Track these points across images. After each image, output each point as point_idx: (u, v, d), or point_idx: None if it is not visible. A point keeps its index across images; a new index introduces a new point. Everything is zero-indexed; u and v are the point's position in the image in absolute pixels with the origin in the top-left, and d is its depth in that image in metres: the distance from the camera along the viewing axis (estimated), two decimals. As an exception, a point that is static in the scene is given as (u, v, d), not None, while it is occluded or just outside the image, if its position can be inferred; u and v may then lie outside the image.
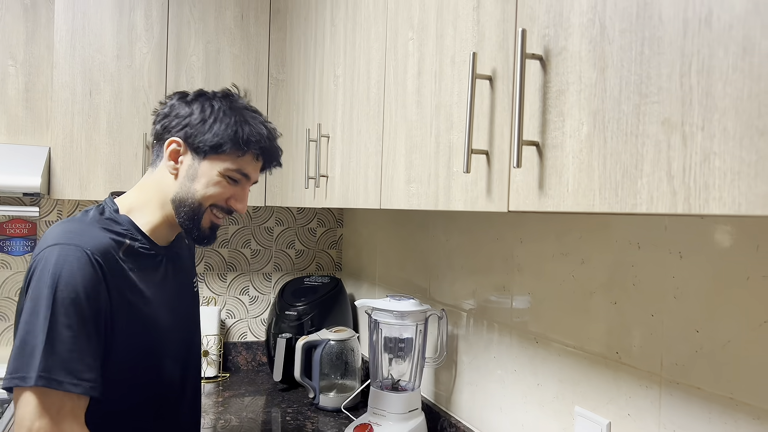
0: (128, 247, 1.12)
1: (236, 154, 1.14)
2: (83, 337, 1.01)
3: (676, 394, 0.93)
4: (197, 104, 1.15)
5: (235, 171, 1.15)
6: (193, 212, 1.15)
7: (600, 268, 1.09)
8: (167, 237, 1.21)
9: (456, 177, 0.91)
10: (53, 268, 1.01)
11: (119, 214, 1.15)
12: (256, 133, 1.15)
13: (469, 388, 1.50)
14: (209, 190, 1.14)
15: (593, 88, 0.64)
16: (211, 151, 1.13)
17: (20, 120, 2.01)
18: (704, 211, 0.51)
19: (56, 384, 0.97)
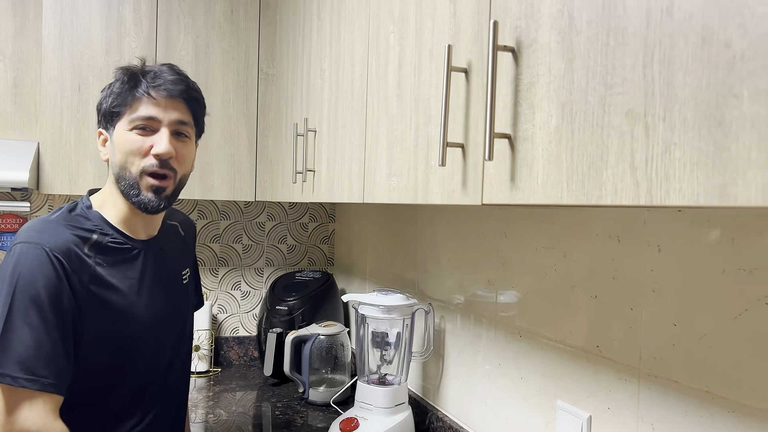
0: (95, 242, 1.11)
1: (129, 104, 1.10)
2: (43, 334, 1.00)
3: (654, 387, 0.93)
4: (102, 94, 1.16)
5: (136, 119, 1.10)
6: (129, 183, 1.11)
7: (581, 261, 1.09)
8: (146, 229, 1.20)
9: (433, 170, 0.91)
10: (13, 267, 1.02)
11: (90, 210, 1.14)
12: (142, 77, 1.11)
13: (456, 382, 1.50)
14: (127, 153, 1.10)
15: (562, 79, 0.64)
16: (112, 117, 1.12)
17: (8, 115, 2.01)
18: (665, 202, 0.51)
19: (10, 380, 0.98)
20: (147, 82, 1.11)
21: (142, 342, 1.16)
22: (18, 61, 2.02)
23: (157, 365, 1.20)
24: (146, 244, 1.19)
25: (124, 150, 1.11)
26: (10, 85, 2.01)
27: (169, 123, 1.12)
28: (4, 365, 0.98)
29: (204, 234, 2.37)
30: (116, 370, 1.13)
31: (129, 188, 1.12)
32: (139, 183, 1.11)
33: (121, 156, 1.11)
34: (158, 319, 1.20)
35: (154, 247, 1.21)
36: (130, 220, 1.16)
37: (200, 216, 2.36)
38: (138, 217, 1.17)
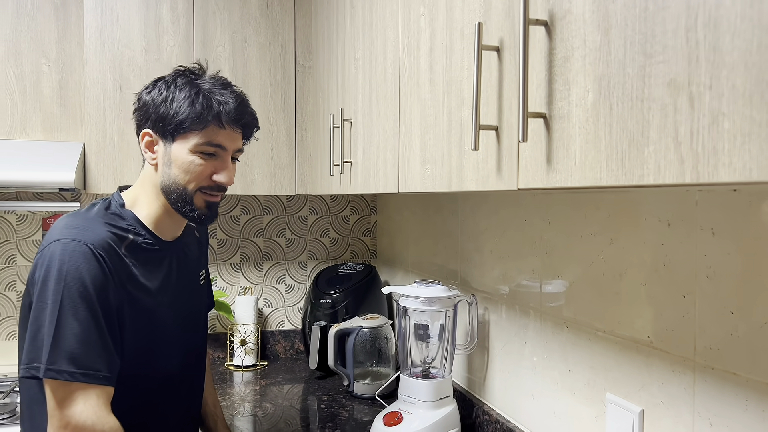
0: (131, 242, 1.12)
1: (199, 128, 1.11)
2: (93, 329, 1.02)
3: (710, 380, 0.87)
4: (155, 90, 1.14)
5: (204, 144, 1.12)
6: (182, 197, 1.13)
7: (629, 248, 1.03)
8: (172, 230, 1.21)
9: (467, 156, 0.87)
10: (58, 263, 1.02)
11: (124, 209, 1.15)
12: (213, 100, 1.11)
13: (502, 374, 1.46)
14: (188, 173, 1.12)
15: (598, 51, 0.59)
16: (175, 131, 1.11)
17: (55, 117, 2.06)
18: (713, 179, 0.46)
19: (67, 376, 0.99)
20: (223, 110, 1.11)
21: (165, 341, 1.18)
22: (62, 64, 2.06)
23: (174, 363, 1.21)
24: (172, 246, 1.21)
25: (185, 170, 1.12)
26: (56, 88, 2.06)
27: (231, 151, 1.15)
28: (58, 361, 0.99)
29: (247, 229, 2.38)
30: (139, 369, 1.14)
31: (181, 203, 1.14)
32: (193, 199, 1.14)
33: (180, 174, 1.12)
34: (180, 319, 1.22)
35: (178, 248, 1.24)
36: (162, 222, 1.18)
37: (243, 211, 2.38)
38: (169, 219, 1.18)
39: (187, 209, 1.14)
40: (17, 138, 2.03)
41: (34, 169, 1.80)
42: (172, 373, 1.21)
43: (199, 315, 1.33)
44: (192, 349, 1.28)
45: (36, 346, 1.01)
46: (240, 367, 2.21)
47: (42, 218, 2.17)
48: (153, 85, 1.15)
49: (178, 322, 1.21)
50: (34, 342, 1.01)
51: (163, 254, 1.19)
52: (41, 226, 2.17)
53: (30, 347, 1.01)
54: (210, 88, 1.13)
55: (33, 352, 1.01)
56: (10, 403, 1.81)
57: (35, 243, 2.17)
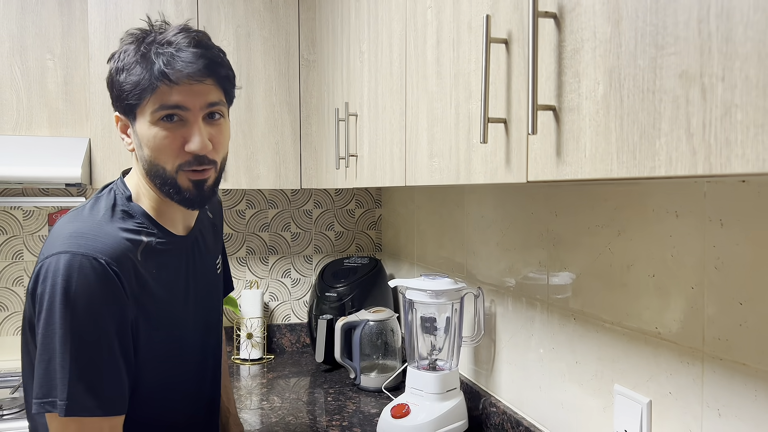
0: (145, 246, 1.00)
1: (148, 93, 0.93)
2: (108, 358, 0.93)
3: (719, 371, 0.87)
4: (111, 62, 0.98)
5: (159, 109, 0.93)
6: (165, 181, 0.98)
7: (637, 239, 1.03)
8: (184, 220, 1.09)
9: (475, 148, 0.87)
10: (64, 283, 0.89)
11: (131, 203, 1.02)
12: (152, 55, 0.92)
13: (509, 366, 1.46)
14: (156, 149, 0.95)
15: (608, 43, 0.59)
16: (130, 107, 0.95)
17: (60, 113, 2.07)
18: (726, 170, 0.46)
19: (87, 412, 0.90)
20: (163, 63, 0.91)
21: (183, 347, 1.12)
22: (67, 59, 2.06)
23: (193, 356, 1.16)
24: (185, 240, 1.10)
25: (152, 147, 0.95)
26: (61, 83, 2.06)
27: (198, 109, 0.96)
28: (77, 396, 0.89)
29: (253, 223, 2.39)
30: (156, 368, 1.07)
31: (166, 187, 0.98)
32: (176, 180, 0.98)
33: (151, 153, 0.96)
34: (196, 315, 1.15)
35: (192, 241, 1.13)
36: (168, 213, 1.05)
37: (249, 205, 2.38)
38: (171, 208, 1.05)
39: (173, 192, 0.98)
40: (23, 134, 2.03)
41: (40, 165, 1.81)
42: (192, 375, 1.15)
43: (215, 311, 1.23)
44: (210, 346, 1.21)
45: (49, 378, 0.90)
46: (247, 361, 2.22)
47: (48, 213, 2.18)
48: (110, 60, 0.99)
49: (196, 317, 1.13)
50: (46, 374, 0.90)
51: (177, 254, 1.07)
52: (47, 221, 2.18)
53: (42, 380, 0.90)
54: (152, 41, 0.94)
55: (46, 385, 0.90)
56: (19, 398, 1.82)
57: (41, 238, 2.18)
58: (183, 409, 1.15)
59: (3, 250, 2.15)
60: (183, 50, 0.93)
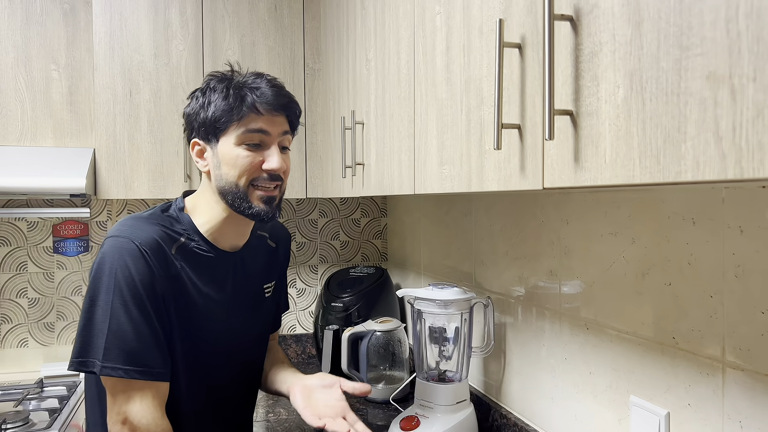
0: (182, 245, 1.13)
1: (236, 119, 1.10)
2: (145, 326, 1.04)
3: (741, 381, 0.85)
4: (193, 101, 1.15)
5: (245, 133, 1.10)
6: (238, 196, 1.12)
7: (652, 247, 1.01)
8: (233, 239, 1.20)
9: (488, 155, 0.86)
10: (109, 260, 1.04)
11: (182, 213, 1.17)
12: (245, 89, 1.10)
13: (519, 378, 1.44)
14: (236, 166, 1.10)
15: (629, 46, 0.58)
16: (217, 131, 1.11)
17: (65, 123, 2.06)
18: (759, 174, 0.44)
19: (122, 373, 1.01)
20: (255, 96, 1.10)
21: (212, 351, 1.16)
22: (72, 69, 2.06)
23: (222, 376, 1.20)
24: (229, 256, 1.20)
25: (233, 164, 1.10)
26: (66, 93, 2.06)
27: (276, 135, 1.13)
28: (114, 359, 1.01)
29: (258, 233, 2.37)
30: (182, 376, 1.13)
31: (239, 201, 1.12)
32: (248, 196, 1.12)
33: (230, 170, 1.11)
34: (232, 332, 1.19)
35: (237, 259, 1.21)
36: (221, 229, 1.17)
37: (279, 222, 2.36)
38: (230, 226, 1.17)
39: (245, 207, 1.12)
40: (27, 144, 2.02)
41: (44, 175, 1.80)
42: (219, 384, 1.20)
43: (259, 328, 1.29)
44: (245, 362, 1.26)
45: (87, 340, 1.02)
46: (252, 373, 2.19)
47: (53, 225, 2.17)
48: (191, 98, 1.16)
49: (231, 334, 1.19)
50: (84, 335, 1.03)
51: (218, 263, 1.17)
52: (52, 232, 2.17)
53: (79, 340, 1.03)
54: (242, 81, 1.12)
55: (83, 345, 1.03)
56: (22, 411, 1.81)
57: (46, 250, 2.17)
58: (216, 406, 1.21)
59: (7, 261, 2.14)
60: (268, 90, 1.11)
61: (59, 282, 2.18)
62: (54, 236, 2.17)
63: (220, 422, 1.23)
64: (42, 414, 1.82)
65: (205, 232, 1.16)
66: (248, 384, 1.30)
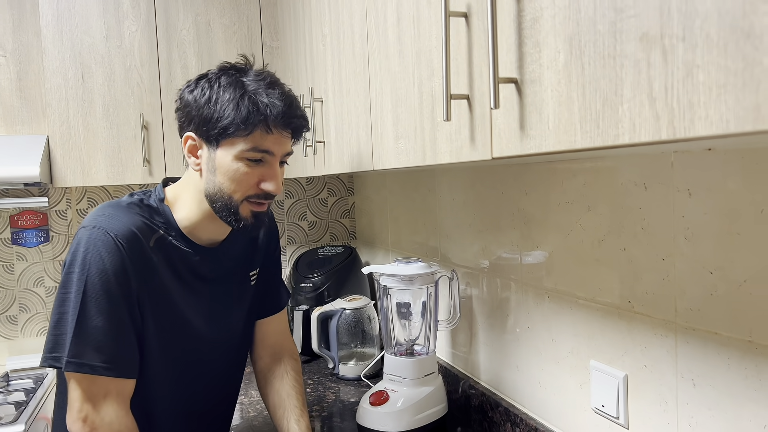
0: (160, 237, 1.08)
1: (245, 133, 1.02)
2: (115, 320, 1.01)
3: (692, 341, 0.87)
4: (198, 89, 1.06)
5: (251, 150, 1.03)
6: (227, 207, 1.07)
7: (607, 213, 1.02)
8: (212, 235, 1.15)
9: (440, 127, 0.85)
10: (83, 252, 1.00)
11: (162, 204, 1.11)
12: (260, 103, 1.02)
13: (486, 348, 1.46)
14: (234, 181, 1.05)
15: (567, 9, 0.58)
16: (219, 136, 1.03)
17: (16, 110, 2.00)
18: (690, 134, 0.45)
19: (89, 369, 0.98)
20: (270, 113, 1.02)
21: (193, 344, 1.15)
22: (19, 54, 1.99)
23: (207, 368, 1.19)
24: (207, 251, 1.15)
25: (230, 178, 1.04)
26: (14, 79, 1.99)
27: (280, 155, 1.07)
28: (80, 354, 0.98)
29: (223, 216, 2.35)
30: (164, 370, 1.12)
31: (227, 212, 1.07)
32: (239, 209, 1.07)
33: (226, 182, 1.05)
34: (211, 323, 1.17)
35: (216, 253, 1.17)
36: (200, 227, 1.13)
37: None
38: (210, 225, 1.13)
39: (231, 219, 1.08)
40: (-22, 134, 1.96)
41: (-4, 165, 1.74)
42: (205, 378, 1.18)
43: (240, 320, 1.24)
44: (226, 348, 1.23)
45: (57, 335, 1.00)
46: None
47: (9, 215, 2.11)
48: (195, 84, 1.08)
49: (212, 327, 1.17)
50: (55, 330, 1.00)
51: (197, 258, 1.13)
52: (9, 223, 2.11)
53: (51, 335, 1.00)
54: (256, 89, 1.03)
55: (53, 341, 1.00)
56: None
57: (4, 242, 2.11)
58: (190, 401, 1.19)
59: (-36, 255, 2.08)
60: (282, 108, 1.03)
61: (20, 274, 2.13)
62: (12, 227, 2.11)
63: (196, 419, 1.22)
64: (8, 408, 1.79)
65: (184, 228, 1.11)
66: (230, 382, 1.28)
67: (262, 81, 1.05)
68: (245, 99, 1.02)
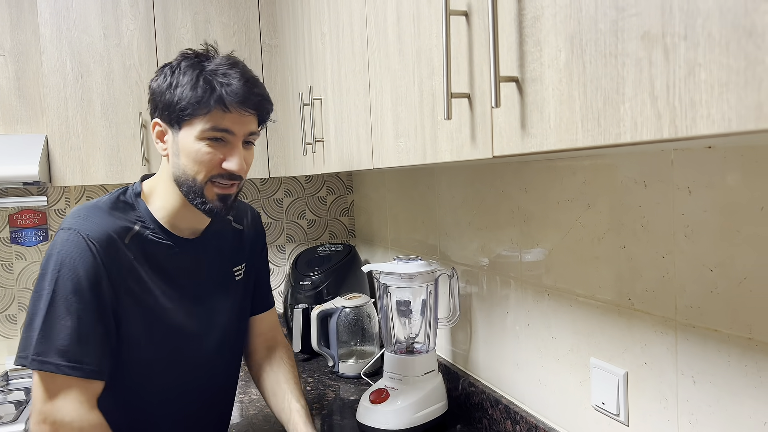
0: (136, 234, 1.09)
1: (203, 113, 1.03)
2: (84, 323, 1.00)
3: (692, 338, 0.87)
4: (161, 77, 1.08)
5: (210, 130, 1.04)
6: (193, 189, 1.08)
7: (606, 211, 1.02)
8: (192, 224, 1.15)
9: (440, 126, 0.85)
10: (57, 253, 1.02)
11: (138, 199, 1.12)
12: (215, 82, 1.03)
13: (485, 346, 1.46)
14: (196, 162, 1.06)
15: (568, 8, 0.58)
16: (180, 119, 1.05)
17: (14, 109, 1.99)
18: (691, 132, 0.45)
19: (52, 367, 0.98)
20: (225, 92, 1.03)
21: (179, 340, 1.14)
22: (18, 53, 1.99)
23: (197, 363, 1.18)
24: (188, 243, 1.16)
25: (193, 159, 1.06)
26: (13, 78, 1.99)
27: (242, 135, 1.07)
28: (45, 353, 0.99)
29: (222, 215, 2.34)
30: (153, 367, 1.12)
31: (193, 195, 1.08)
32: (204, 190, 1.07)
33: (189, 163, 1.06)
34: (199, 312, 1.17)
35: (198, 245, 1.18)
36: (178, 215, 1.13)
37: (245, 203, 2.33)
38: (187, 212, 1.13)
39: (198, 201, 1.08)
40: (-24, 133, 1.96)
41: (-5, 165, 1.74)
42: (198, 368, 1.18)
43: (224, 313, 1.23)
44: (222, 348, 1.22)
45: (27, 335, 1.00)
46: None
47: (8, 215, 2.11)
48: (159, 72, 1.09)
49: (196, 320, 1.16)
50: (26, 330, 1.01)
51: (176, 250, 1.13)
52: (8, 222, 2.11)
53: (23, 335, 1.01)
54: (214, 69, 1.05)
55: (24, 340, 1.00)
56: None
57: (3, 241, 2.11)
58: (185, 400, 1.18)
59: (-37, 254, 2.08)
60: (240, 85, 1.04)
61: (19, 273, 2.13)
62: (10, 226, 2.11)
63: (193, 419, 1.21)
64: (8, 407, 1.80)
65: (162, 219, 1.12)
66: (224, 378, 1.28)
67: (222, 64, 1.07)
68: (201, 79, 1.04)
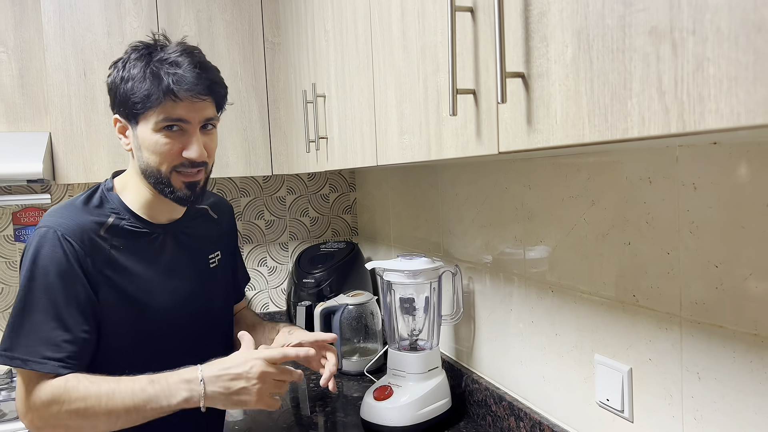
0: (111, 225, 1.11)
1: (155, 105, 1.04)
2: (56, 319, 1.02)
3: (697, 334, 0.87)
4: (115, 72, 1.09)
5: (164, 120, 1.05)
6: (160, 180, 1.10)
7: (611, 208, 1.02)
8: (168, 212, 1.18)
9: (445, 122, 0.85)
10: (32, 251, 1.04)
11: (111, 192, 1.14)
12: (162, 74, 1.03)
13: (489, 343, 1.46)
14: (156, 153, 1.07)
15: (575, 4, 0.58)
16: (135, 113, 1.06)
17: (18, 107, 2.00)
18: (700, 127, 0.45)
19: (20, 363, 1.01)
20: (171, 80, 1.03)
21: (161, 327, 1.15)
22: (21, 51, 1.99)
23: (179, 349, 1.18)
24: (166, 229, 1.18)
25: (153, 151, 1.07)
26: (16, 76, 1.99)
27: (197, 122, 1.08)
28: (15, 348, 1.01)
29: (225, 212, 2.34)
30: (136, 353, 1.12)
31: (161, 185, 1.10)
32: (170, 180, 1.09)
33: (151, 156, 1.08)
34: (178, 304, 1.18)
35: (175, 231, 1.20)
36: (152, 205, 1.15)
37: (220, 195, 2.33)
38: (160, 202, 1.15)
39: (167, 191, 1.11)
40: (-20, 131, 1.96)
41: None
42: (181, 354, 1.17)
43: (208, 299, 1.25)
44: (203, 336, 1.23)
45: (7, 331, 1.04)
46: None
47: (12, 212, 2.11)
48: (113, 66, 1.11)
49: (177, 306, 1.17)
50: (6, 328, 1.04)
51: (155, 236, 1.16)
52: (11, 220, 2.11)
53: (4, 332, 1.04)
54: (163, 59, 1.05)
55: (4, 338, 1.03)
56: None
57: (6, 238, 2.11)
58: None
59: (-33, 252, 2.08)
60: (188, 72, 1.05)
61: (23, 270, 2.13)
62: (14, 224, 2.12)
63: None
64: (12, 404, 1.80)
65: (138, 210, 1.14)
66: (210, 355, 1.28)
67: (172, 51, 1.07)
68: (148, 71, 1.04)
